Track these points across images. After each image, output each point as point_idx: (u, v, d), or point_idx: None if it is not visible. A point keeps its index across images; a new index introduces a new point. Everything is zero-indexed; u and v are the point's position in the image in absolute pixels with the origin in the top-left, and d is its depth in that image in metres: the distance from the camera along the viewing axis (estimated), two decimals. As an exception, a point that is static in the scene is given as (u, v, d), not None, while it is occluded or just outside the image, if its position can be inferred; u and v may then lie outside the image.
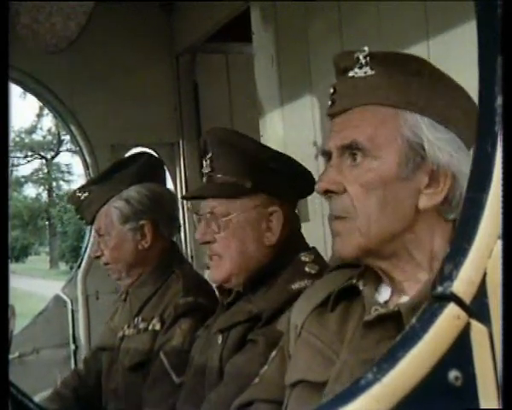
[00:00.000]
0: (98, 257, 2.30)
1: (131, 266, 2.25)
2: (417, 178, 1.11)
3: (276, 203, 1.69)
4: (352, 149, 1.13)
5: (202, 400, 1.65)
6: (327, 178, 1.15)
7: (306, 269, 1.65)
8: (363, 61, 1.15)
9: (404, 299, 1.14)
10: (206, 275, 2.88)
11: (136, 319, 2.16)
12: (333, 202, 1.16)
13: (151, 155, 2.52)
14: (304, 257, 1.68)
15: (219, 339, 1.69)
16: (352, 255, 1.16)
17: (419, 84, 1.12)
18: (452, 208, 1.13)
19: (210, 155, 1.73)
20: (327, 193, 1.16)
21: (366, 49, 1.15)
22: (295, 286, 1.60)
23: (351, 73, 1.17)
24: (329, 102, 1.21)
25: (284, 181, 1.71)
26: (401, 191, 1.11)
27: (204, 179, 1.77)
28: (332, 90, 1.20)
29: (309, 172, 1.76)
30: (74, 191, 2.35)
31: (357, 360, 1.10)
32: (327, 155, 1.19)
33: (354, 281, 1.21)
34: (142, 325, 2.13)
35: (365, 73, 1.15)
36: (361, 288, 1.19)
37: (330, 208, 1.18)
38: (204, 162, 1.76)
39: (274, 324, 1.56)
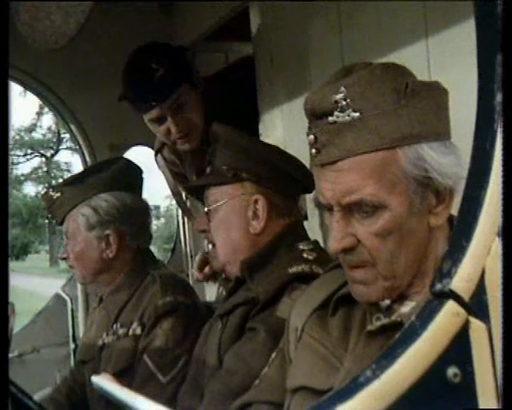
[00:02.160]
0: (65, 258, 2.29)
1: (96, 273, 2.24)
2: (426, 203, 1.09)
3: (262, 192, 1.72)
4: (359, 206, 1.07)
5: (202, 389, 1.65)
6: (338, 237, 1.09)
7: (304, 255, 1.66)
8: (343, 104, 1.04)
9: (407, 305, 1.14)
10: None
11: (114, 326, 2.14)
12: (348, 256, 1.11)
13: (129, 161, 2.47)
14: (302, 246, 1.70)
15: (219, 325, 1.71)
16: (380, 299, 1.13)
17: (406, 110, 1.05)
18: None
19: (209, 151, 1.79)
20: (343, 252, 1.11)
21: (343, 89, 1.04)
22: (292, 270, 1.62)
23: (331, 118, 1.06)
24: (313, 151, 1.10)
25: (275, 172, 1.73)
26: (414, 223, 1.08)
27: None
28: (312, 138, 1.09)
29: (303, 165, 1.76)
30: (47, 190, 2.34)
31: (361, 368, 1.09)
32: (325, 207, 1.13)
33: None
34: (121, 331, 2.11)
35: (349, 116, 1.04)
36: None
37: (344, 259, 1.13)
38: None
39: (272, 309, 1.57)
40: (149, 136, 3.48)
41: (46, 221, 37.84)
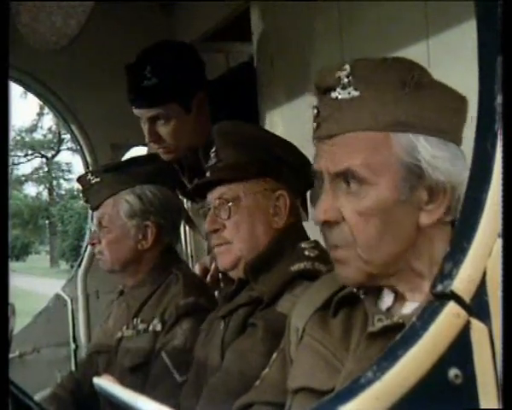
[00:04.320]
0: (93, 244, 2.29)
1: (126, 263, 2.24)
2: (416, 197, 1.08)
3: (283, 188, 1.73)
4: (346, 177, 1.09)
5: (203, 390, 1.65)
6: (324, 208, 1.11)
7: (306, 253, 1.67)
8: (345, 81, 1.07)
9: (408, 307, 1.13)
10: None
11: (134, 320, 2.15)
12: (330, 231, 1.13)
13: (169, 161, 2.52)
14: (304, 244, 1.71)
15: (221, 325, 1.71)
16: (357, 282, 1.14)
17: (407, 100, 1.07)
18: (451, 212, 1.11)
19: (215, 147, 1.77)
20: (326, 224, 1.12)
21: (347, 67, 1.08)
22: (294, 268, 1.62)
23: (333, 94, 1.09)
24: (314, 124, 1.13)
25: (289, 168, 1.74)
26: (401, 214, 1.08)
27: (208, 172, 1.80)
28: (316, 112, 1.13)
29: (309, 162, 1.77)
30: (86, 173, 2.33)
31: (362, 369, 1.09)
32: (317, 176, 1.15)
33: (354, 289, 1.19)
34: (141, 326, 2.11)
35: (349, 94, 1.07)
36: (362, 296, 1.18)
37: (327, 238, 1.14)
38: (210, 157, 1.80)
39: (274, 306, 1.58)
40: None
41: (47, 222, 37.91)
